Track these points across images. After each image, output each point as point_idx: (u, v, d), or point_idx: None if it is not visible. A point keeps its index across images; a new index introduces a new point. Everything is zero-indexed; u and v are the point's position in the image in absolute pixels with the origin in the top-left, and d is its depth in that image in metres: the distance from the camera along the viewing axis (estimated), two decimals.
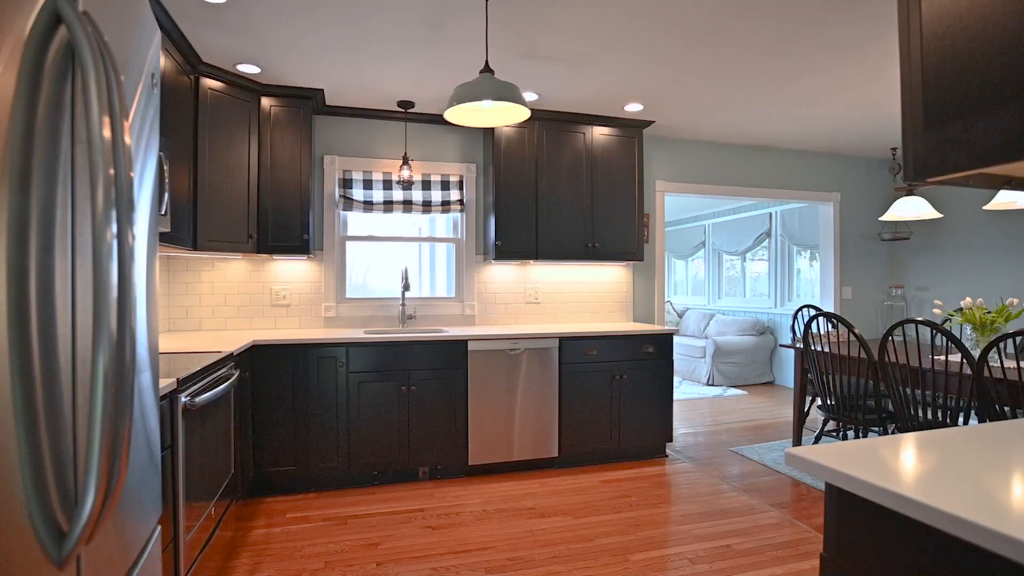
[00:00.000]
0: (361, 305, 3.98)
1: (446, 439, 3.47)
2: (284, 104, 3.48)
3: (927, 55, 0.91)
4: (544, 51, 2.98)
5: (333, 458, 3.29)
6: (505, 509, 3.07)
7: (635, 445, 3.82)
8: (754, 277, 7.56)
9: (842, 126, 4.35)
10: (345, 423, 3.30)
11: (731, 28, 2.72)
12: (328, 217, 3.93)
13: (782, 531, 2.81)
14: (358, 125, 3.99)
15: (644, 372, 3.84)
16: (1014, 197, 3.10)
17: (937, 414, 3.06)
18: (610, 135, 4.10)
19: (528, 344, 3.62)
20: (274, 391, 3.19)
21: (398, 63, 3.13)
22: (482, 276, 4.22)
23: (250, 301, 3.78)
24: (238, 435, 2.80)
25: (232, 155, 3.28)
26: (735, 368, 6.70)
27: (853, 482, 0.96)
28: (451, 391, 3.48)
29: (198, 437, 2.06)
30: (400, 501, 3.18)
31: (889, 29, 2.71)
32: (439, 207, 4.06)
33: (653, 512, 3.03)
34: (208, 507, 2.23)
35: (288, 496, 3.25)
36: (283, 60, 3.08)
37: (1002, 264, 4.60)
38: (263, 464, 3.17)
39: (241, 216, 3.34)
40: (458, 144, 4.19)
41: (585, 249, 4.04)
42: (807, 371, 4.00)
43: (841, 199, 5.31)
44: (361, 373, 3.33)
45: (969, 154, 0.86)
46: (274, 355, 3.19)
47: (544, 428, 3.65)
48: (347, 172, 3.93)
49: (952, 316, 3.29)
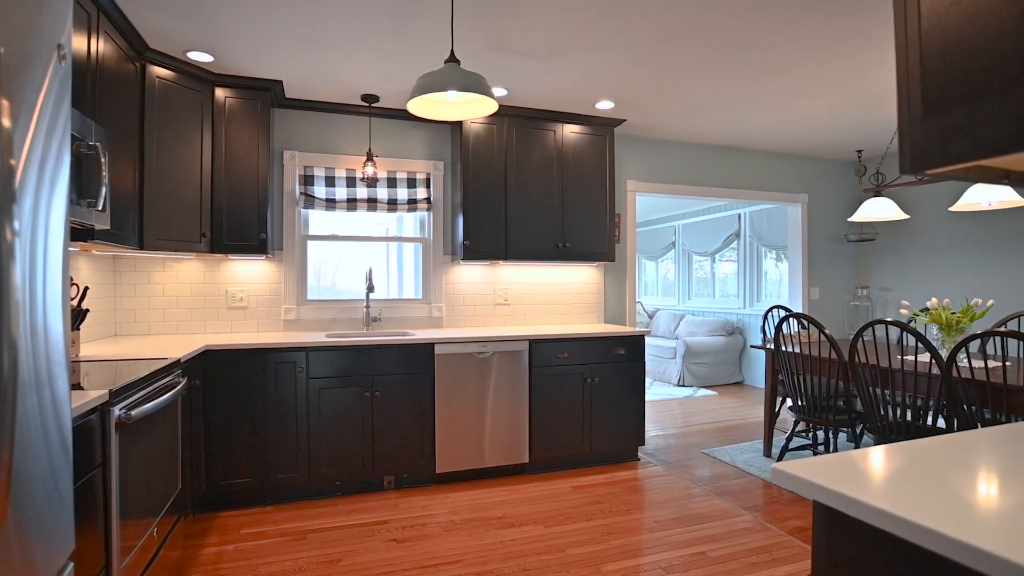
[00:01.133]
0: (323, 307, 3.82)
1: (412, 446, 3.34)
2: (240, 96, 3.30)
3: (927, 34, 0.83)
4: (514, 44, 2.87)
5: (292, 468, 3.12)
6: (474, 519, 2.95)
7: (607, 449, 3.75)
8: (722, 278, 7.61)
9: (810, 128, 4.37)
10: (305, 431, 3.14)
11: (704, 26, 2.66)
12: (288, 215, 3.75)
13: (756, 536, 2.77)
14: (320, 119, 3.82)
15: (616, 374, 3.77)
16: (979, 199, 3.13)
17: (906, 414, 3.06)
18: (581, 133, 4.03)
19: (497, 347, 3.51)
20: (228, 399, 3.01)
21: (362, 55, 2.99)
22: (450, 277, 4.10)
23: (204, 304, 3.58)
24: (187, 447, 2.62)
25: (183, 149, 3.09)
26: (705, 368, 6.71)
27: (848, 502, 0.88)
28: (418, 396, 3.35)
29: (137, 453, 1.89)
30: (364, 513, 3.03)
31: (861, 30, 2.69)
32: (405, 206, 3.92)
33: (626, 519, 2.96)
34: (151, 526, 2.06)
35: (244, 510, 3.07)
36: (238, 48, 2.91)
37: (966, 265, 4.68)
38: (216, 477, 2.99)
39: (193, 214, 3.15)
40: (425, 141, 4.06)
41: (556, 249, 3.96)
42: (778, 372, 4.00)
43: (809, 200, 5.35)
44: (322, 379, 3.17)
45: (974, 143, 0.78)
46: (228, 361, 3.01)
47: (514, 433, 3.54)
48: (308, 168, 3.76)
49: (918, 316, 3.31)
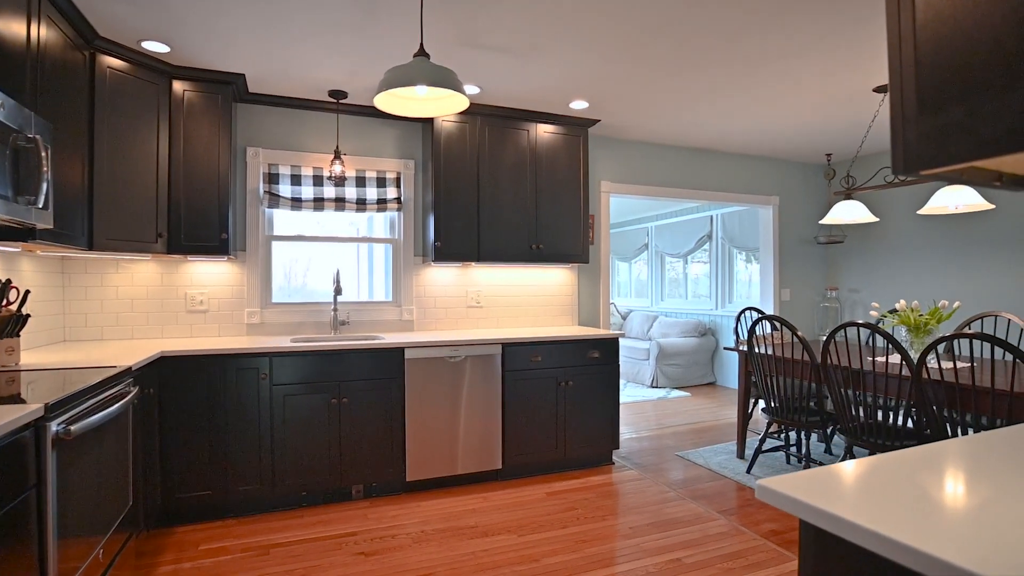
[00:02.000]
0: (289, 311, 3.68)
1: (382, 454, 3.23)
2: (199, 89, 3.15)
3: (922, 26, 0.79)
4: (486, 40, 2.80)
5: (255, 479, 2.98)
6: (445, 529, 2.86)
7: (581, 454, 3.70)
8: (694, 279, 7.65)
9: (781, 131, 4.39)
10: (269, 440, 3.00)
11: (679, 25, 2.62)
12: (252, 215, 3.60)
13: (731, 540, 2.74)
14: (285, 115, 3.68)
15: (590, 378, 3.72)
16: (946, 202, 3.17)
17: (877, 415, 3.08)
18: (555, 133, 3.97)
19: (469, 351, 3.42)
20: (186, 408, 2.86)
21: (328, 48, 2.87)
22: (421, 279, 4.00)
23: (162, 307, 3.41)
24: (140, 461, 2.47)
25: (138, 144, 2.93)
26: (678, 370, 6.73)
27: (838, 523, 0.82)
28: (387, 402, 3.24)
29: (80, 469, 1.76)
30: (331, 524, 2.92)
31: (831, 32, 2.69)
32: (375, 205, 3.81)
33: (600, 526, 2.90)
34: (96, 547, 1.93)
35: (203, 524, 2.92)
36: (196, 39, 2.77)
37: (931, 267, 4.78)
38: (173, 490, 2.84)
39: (149, 212, 2.99)
40: (395, 139, 3.95)
41: (529, 251, 3.89)
42: (751, 374, 4.00)
43: (780, 202, 5.40)
44: (287, 385, 3.04)
45: (974, 142, 0.74)
46: (186, 367, 2.86)
47: (487, 439, 3.46)
48: (273, 166, 3.62)
49: (887, 317, 3.34)
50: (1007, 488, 0.91)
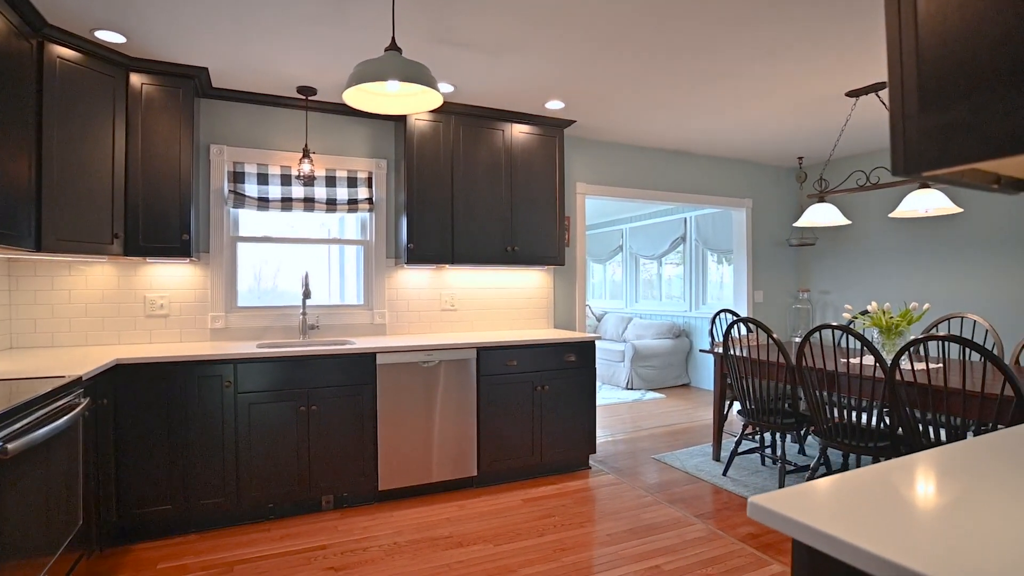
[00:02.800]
0: (255, 315, 3.54)
1: (353, 463, 3.12)
2: (159, 83, 3.00)
3: (925, 18, 0.74)
4: (461, 36, 2.72)
5: (219, 492, 2.85)
6: (419, 539, 2.77)
7: (558, 459, 3.65)
8: (668, 280, 7.69)
9: (754, 134, 4.42)
10: (233, 451, 2.87)
11: (657, 25, 2.59)
12: (216, 215, 3.46)
13: (709, 545, 2.71)
14: (251, 112, 3.54)
15: (566, 382, 3.67)
16: (916, 206, 3.21)
17: (851, 416, 3.10)
18: (530, 133, 3.91)
19: (443, 355, 3.34)
20: (144, 419, 2.71)
21: (296, 42, 2.76)
22: (393, 282, 3.89)
23: (119, 312, 3.24)
24: (91, 476, 2.33)
25: (91, 140, 2.77)
26: (653, 371, 6.74)
27: (838, 546, 0.77)
28: (358, 409, 3.14)
29: (20, 489, 1.63)
30: (299, 538, 2.80)
31: (804, 36, 2.69)
32: (345, 206, 3.70)
33: (578, 533, 2.85)
34: (42, 570, 1.79)
35: (163, 541, 2.77)
36: (155, 29, 2.63)
37: (902, 269, 4.86)
38: (130, 506, 2.68)
39: (104, 212, 2.83)
40: (367, 137, 3.84)
41: (504, 253, 3.82)
42: (726, 376, 4.00)
43: (753, 205, 5.44)
44: (253, 393, 2.91)
45: (981, 142, 0.69)
46: (144, 376, 2.72)
47: (462, 445, 3.38)
48: (238, 165, 3.48)
49: (858, 318, 3.37)
50: (1009, 501, 0.87)
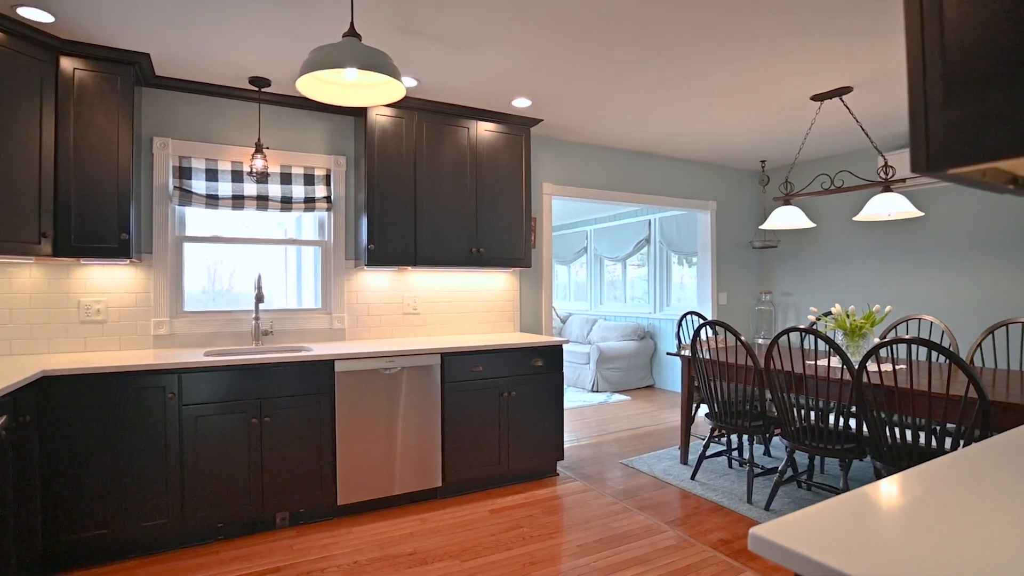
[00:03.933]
0: (203, 320, 3.31)
1: (310, 477, 2.95)
2: (94, 68, 2.76)
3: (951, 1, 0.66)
4: (424, 27, 2.59)
5: (162, 513, 2.63)
6: (381, 557, 2.63)
7: (525, 466, 3.54)
8: (631, 282, 7.70)
9: (719, 137, 4.42)
10: (177, 469, 2.66)
11: (626, 21, 2.51)
12: (160, 213, 3.22)
13: (681, 553, 2.66)
14: (199, 103, 3.32)
15: (534, 387, 3.57)
16: (879, 209, 3.24)
17: (819, 418, 3.11)
18: (497, 132, 3.80)
19: (406, 361, 3.19)
20: (76, 437, 2.48)
21: (249, 29, 2.58)
22: (353, 284, 3.72)
23: (49, 317, 2.97)
24: (11, 502, 2.09)
25: (14, 130, 2.52)
26: (618, 373, 6.72)
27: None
28: (315, 420, 2.96)
29: None
30: (251, 559, 2.61)
31: (769, 41, 2.67)
32: (301, 205, 3.50)
33: (548, 545, 2.75)
34: None
35: (98, 568, 2.54)
36: (87, 8, 2.40)
37: (863, 271, 4.95)
38: (59, 532, 2.44)
39: (29, 209, 2.58)
40: (325, 133, 3.66)
41: (469, 255, 3.70)
42: (694, 379, 3.98)
43: (717, 208, 5.47)
44: (199, 405, 2.71)
45: (1017, 136, 0.62)
46: (76, 388, 2.48)
47: (426, 455, 3.24)
48: (185, 159, 3.25)
49: (822, 319, 3.38)
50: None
